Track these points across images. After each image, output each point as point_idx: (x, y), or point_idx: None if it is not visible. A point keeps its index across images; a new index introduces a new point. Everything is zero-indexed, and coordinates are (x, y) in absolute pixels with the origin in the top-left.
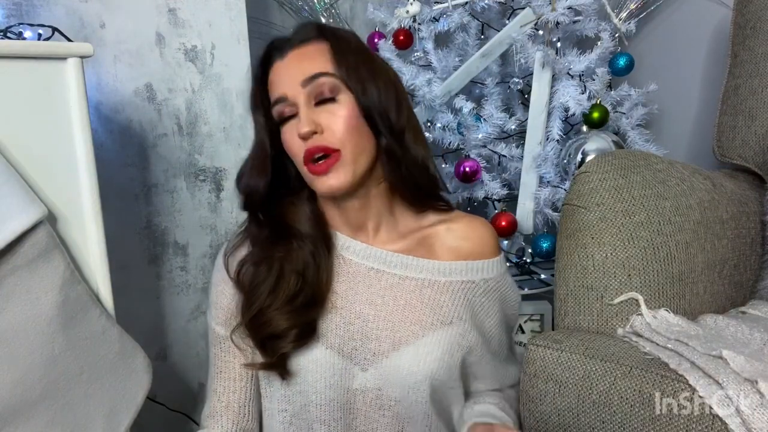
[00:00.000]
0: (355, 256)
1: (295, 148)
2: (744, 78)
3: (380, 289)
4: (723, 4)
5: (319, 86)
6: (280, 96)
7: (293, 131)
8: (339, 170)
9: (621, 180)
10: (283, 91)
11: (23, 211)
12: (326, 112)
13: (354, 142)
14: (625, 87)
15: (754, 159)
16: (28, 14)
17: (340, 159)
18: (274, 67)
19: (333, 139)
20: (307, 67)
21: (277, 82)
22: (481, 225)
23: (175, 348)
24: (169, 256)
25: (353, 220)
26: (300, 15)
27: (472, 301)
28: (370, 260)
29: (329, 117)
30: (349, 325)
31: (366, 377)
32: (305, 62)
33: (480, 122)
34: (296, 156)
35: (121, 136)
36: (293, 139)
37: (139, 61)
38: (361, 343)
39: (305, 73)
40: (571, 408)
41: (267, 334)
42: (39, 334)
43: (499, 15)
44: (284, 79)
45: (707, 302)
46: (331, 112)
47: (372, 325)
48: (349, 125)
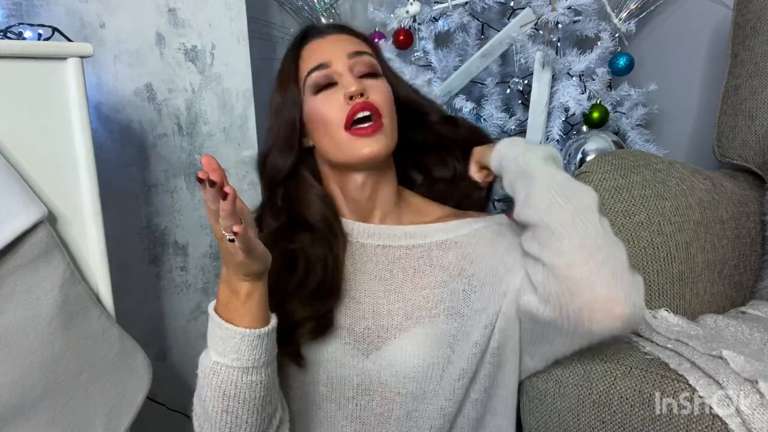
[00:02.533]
0: (361, 238)
1: (335, 111)
2: (744, 78)
3: (388, 264)
4: (723, 4)
5: (364, 62)
6: (321, 62)
7: (331, 98)
8: (380, 136)
9: (621, 180)
10: (326, 58)
11: (23, 211)
12: (369, 84)
13: (391, 116)
14: (625, 87)
15: (754, 159)
16: (28, 14)
17: (382, 126)
18: (310, 44)
19: (378, 104)
20: (353, 45)
21: (318, 53)
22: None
23: (175, 348)
24: (169, 256)
25: (362, 209)
26: (300, 15)
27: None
28: (375, 238)
29: (372, 87)
30: (359, 304)
31: (379, 356)
32: (351, 41)
33: (480, 122)
34: (334, 120)
35: (121, 136)
36: (331, 104)
37: (139, 61)
38: (373, 320)
39: (352, 48)
40: (571, 408)
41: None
42: (39, 334)
43: (499, 15)
44: (326, 49)
45: (707, 302)
46: (373, 84)
47: (383, 300)
48: (390, 100)
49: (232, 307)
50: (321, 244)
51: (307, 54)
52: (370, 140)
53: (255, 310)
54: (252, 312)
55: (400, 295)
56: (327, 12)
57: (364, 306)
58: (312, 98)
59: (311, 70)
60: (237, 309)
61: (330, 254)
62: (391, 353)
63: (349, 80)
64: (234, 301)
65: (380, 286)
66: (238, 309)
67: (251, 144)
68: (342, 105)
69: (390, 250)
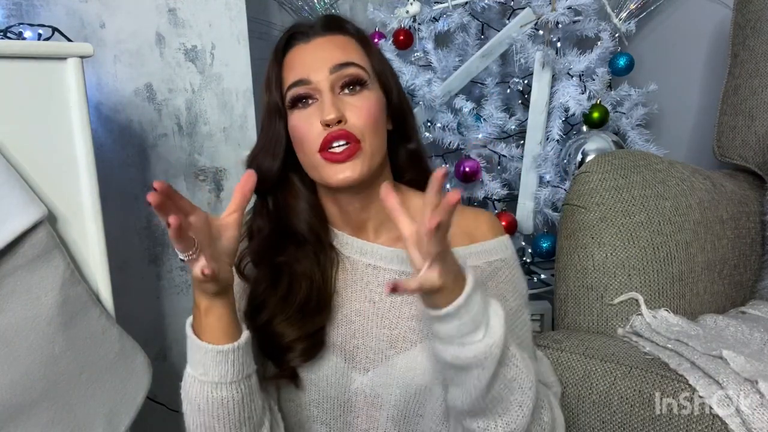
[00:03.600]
0: (352, 253)
1: (312, 134)
2: (744, 78)
3: (377, 286)
4: (723, 4)
5: (347, 75)
6: (301, 79)
7: (309, 117)
8: (356, 161)
9: (621, 180)
10: (306, 74)
11: (23, 211)
12: (350, 103)
13: (374, 135)
14: (625, 87)
15: (754, 159)
16: (28, 14)
17: (360, 150)
18: (295, 49)
19: (355, 129)
20: (337, 54)
21: (299, 64)
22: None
23: (175, 348)
24: (169, 256)
25: (354, 221)
26: (300, 15)
27: None
28: (368, 257)
29: (352, 108)
30: (350, 323)
31: (365, 379)
32: (335, 49)
33: (480, 122)
34: (310, 143)
35: (121, 136)
36: (309, 126)
37: (139, 61)
38: (363, 341)
39: (335, 59)
40: (571, 408)
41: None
42: (39, 334)
43: (499, 15)
44: (309, 62)
45: (707, 302)
46: (354, 103)
47: (371, 323)
48: (372, 118)
49: (196, 321)
50: (308, 258)
51: (290, 62)
52: (344, 166)
53: (216, 326)
54: (212, 327)
55: (386, 321)
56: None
57: (354, 326)
58: (291, 112)
59: (291, 84)
60: (199, 323)
61: (317, 269)
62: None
63: (328, 103)
64: (197, 314)
65: (370, 308)
66: (201, 323)
67: (251, 144)
68: (319, 128)
69: (380, 272)
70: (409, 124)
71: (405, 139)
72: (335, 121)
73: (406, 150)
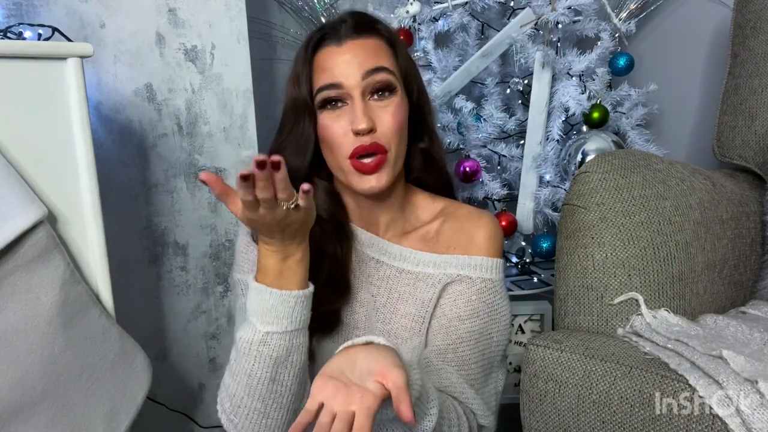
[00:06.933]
0: (361, 245)
1: (344, 141)
2: (744, 78)
3: (377, 280)
4: (723, 4)
5: (378, 81)
6: (333, 83)
7: (339, 119)
8: (382, 172)
9: (621, 180)
10: (338, 79)
11: (23, 211)
12: (379, 109)
13: (399, 143)
14: (625, 87)
15: (754, 159)
16: (28, 14)
17: (386, 160)
18: (327, 50)
19: (384, 139)
20: (370, 60)
21: (332, 68)
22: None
23: (175, 348)
24: (169, 256)
25: (368, 216)
26: (300, 15)
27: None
28: (372, 250)
29: (381, 115)
30: (354, 314)
31: None
32: (367, 54)
33: (480, 122)
34: (341, 148)
35: (121, 136)
36: (340, 131)
37: (139, 61)
38: (364, 331)
39: (367, 65)
40: (571, 408)
41: None
42: (39, 334)
43: (499, 15)
44: (341, 67)
45: (707, 302)
46: (383, 109)
47: (370, 314)
48: (399, 126)
49: (288, 274)
50: (330, 240)
51: (321, 63)
52: (371, 177)
53: (295, 270)
54: (304, 271)
55: (381, 315)
56: (327, 12)
57: (358, 316)
58: (320, 112)
59: (322, 87)
60: (293, 274)
61: (339, 250)
62: None
63: (360, 113)
64: (291, 266)
65: (371, 300)
66: (295, 273)
67: (251, 144)
68: (349, 134)
69: (382, 267)
70: (426, 124)
71: (418, 138)
72: (367, 131)
73: (418, 149)
